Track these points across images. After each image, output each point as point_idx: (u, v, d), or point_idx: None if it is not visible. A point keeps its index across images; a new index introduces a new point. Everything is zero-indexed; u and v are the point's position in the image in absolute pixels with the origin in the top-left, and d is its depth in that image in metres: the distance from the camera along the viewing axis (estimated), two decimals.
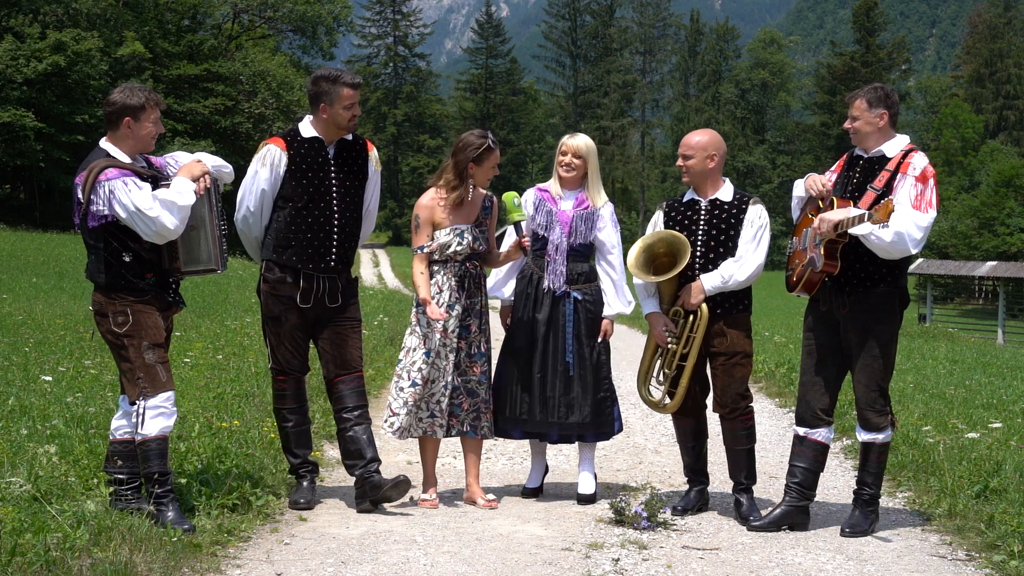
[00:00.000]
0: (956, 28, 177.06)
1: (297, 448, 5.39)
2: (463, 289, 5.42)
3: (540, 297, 5.53)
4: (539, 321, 5.51)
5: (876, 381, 4.99)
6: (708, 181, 5.37)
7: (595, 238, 5.56)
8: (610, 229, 5.56)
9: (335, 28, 59.23)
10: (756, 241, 5.29)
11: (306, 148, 5.24)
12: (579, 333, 5.50)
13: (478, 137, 5.40)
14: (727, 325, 5.30)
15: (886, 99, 4.99)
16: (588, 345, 5.51)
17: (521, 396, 5.51)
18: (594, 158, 5.59)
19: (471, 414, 5.47)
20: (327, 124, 5.25)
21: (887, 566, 4.55)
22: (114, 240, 4.54)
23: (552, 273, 5.52)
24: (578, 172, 5.56)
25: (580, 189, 5.60)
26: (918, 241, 4.79)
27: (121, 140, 4.63)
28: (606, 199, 5.61)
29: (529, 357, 5.51)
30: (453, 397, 5.43)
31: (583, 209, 5.55)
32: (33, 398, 6.87)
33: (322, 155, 5.26)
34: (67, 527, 4.00)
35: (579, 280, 5.54)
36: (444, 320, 5.32)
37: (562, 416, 5.46)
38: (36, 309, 13.52)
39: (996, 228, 48.85)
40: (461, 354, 5.43)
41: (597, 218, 5.55)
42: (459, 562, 4.46)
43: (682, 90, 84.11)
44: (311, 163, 5.23)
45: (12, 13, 40.44)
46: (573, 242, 5.51)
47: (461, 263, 5.43)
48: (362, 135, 5.52)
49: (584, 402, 5.47)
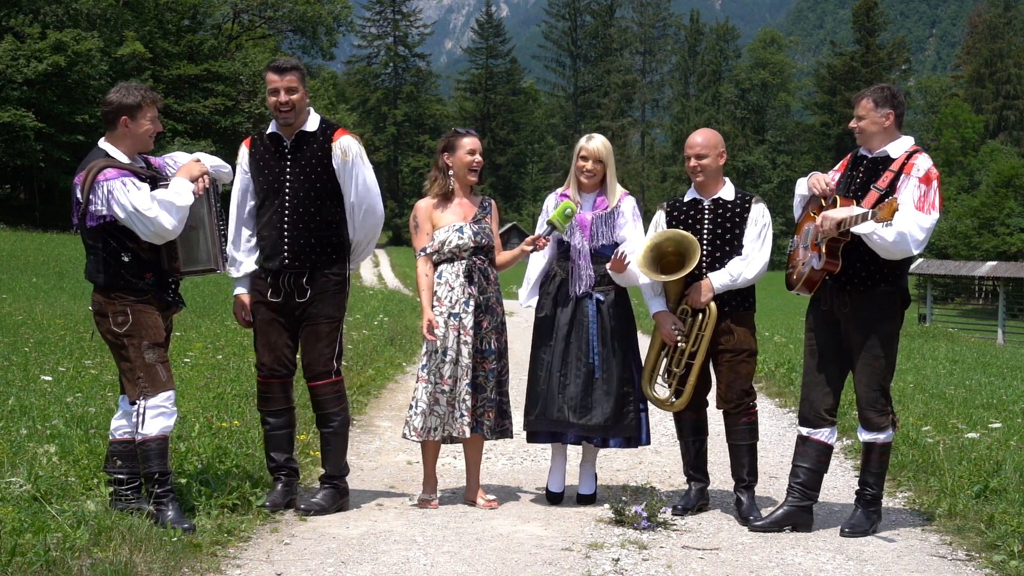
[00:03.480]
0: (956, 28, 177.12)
1: (273, 451, 5.31)
2: (473, 283, 5.42)
3: (564, 298, 5.53)
4: (561, 322, 5.50)
5: (877, 381, 4.99)
6: (714, 180, 5.40)
7: (618, 236, 5.53)
8: (631, 225, 5.52)
9: (335, 28, 59.30)
10: (761, 240, 5.32)
11: (265, 144, 5.24)
12: (603, 334, 5.49)
13: (450, 130, 5.57)
14: (733, 322, 5.32)
15: (892, 99, 4.99)
16: (612, 347, 5.48)
17: (544, 397, 5.50)
18: (611, 159, 5.58)
19: (479, 410, 5.46)
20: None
21: (887, 566, 4.55)
22: (113, 240, 4.54)
23: (576, 278, 5.51)
24: (598, 176, 5.56)
25: (599, 192, 5.59)
26: (920, 242, 4.78)
27: (119, 140, 4.63)
28: (622, 192, 5.57)
29: (552, 358, 5.50)
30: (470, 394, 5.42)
31: (601, 211, 5.54)
32: (33, 398, 6.87)
33: (279, 150, 5.21)
34: (67, 527, 3.99)
35: (603, 281, 5.52)
36: (436, 337, 5.32)
37: (585, 417, 5.43)
38: (36, 309, 13.52)
39: (996, 228, 48.88)
40: (474, 350, 5.42)
41: (618, 215, 5.53)
42: (459, 562, 4.46)
43: (682, 90, 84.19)
44: (268, 159, 5.21)
45: (12, 13, 40.48)
46: (595, 245, 5.50)
47: (468, 258, 5.43)
48: (361, 134, 5.50)
49: (606, 404, 5.43)
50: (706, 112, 78.79)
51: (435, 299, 5.42)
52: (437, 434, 5.38)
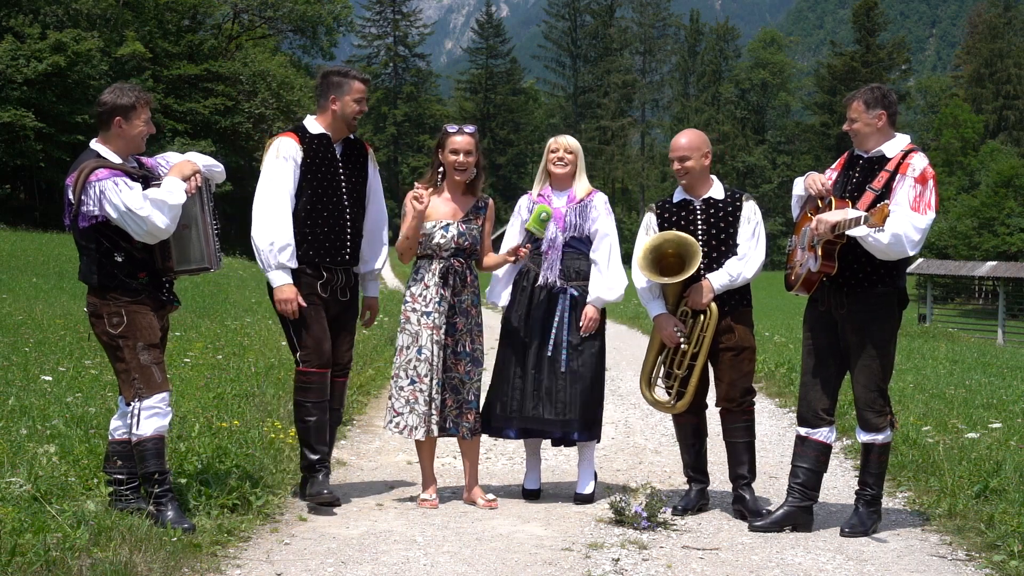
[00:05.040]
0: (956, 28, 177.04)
1: (317, 444, 5.34)
2: (447, 285, 5.44)
3: (536, 293, 5.55)
4: (535, 317, 5.52)
5: (875, 381, 4.99)
6: (702, 180, 5.41)
7: (590, 229, 5.56)
8: (604, 218, 5.58)
9: (335, 28, 59.26)
10: (755, 238, 5.35)
11: (316, 143, 5.32)
12: (575, 329, 5.50)
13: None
14: (734, 321, 5.34)
15: (883, 99, 4.98)
16: (583, 342, 5.51)
17: (513, 392, 5.51)
18: (581, 152, 5.69)
19: (453, 410, 5.47)
20: (334, 118, 5.33)
21: (887, 566, 4.55)
22: (106, 240, 4.53)
23: (548, 268, 5.53)
24: (571, 167, 5.61)
25: (570, 187, 5.63)
26: (916, 243, 4.78)
27: (112, 140, 4.62)
28: (590, 188, 5.64)
29: (524, 353, 5.52)
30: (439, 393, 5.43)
31: (575, 203, 5.58)
32: (33, 398, 6.87)
33: (331, 151, 5.35)
34: (67, 527, 3.99)
35: (576, 277, 5.55)
36: (423, 198, 5.33)
37: (559, 413, 5.45)
38: (36, 309, 13.52)
39: (996, 228, 48.85)
40: (448, 351, 5.44)
41: (590, 208, 5.57)
42: (459, 562, 4.46)
43: (682, 90, 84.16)
44: (322, 158, 5.32)
45: (12, 13, 40.43)
46: (568, 237, 5.53)
47: (446, 259, 5.45)
48: (361, 134, 5.58)
49: (581, 399, 5.46)
50: (706, 112, 78.75)
51: (409, 295, 5.49)
52: (419, 432, 5.39)
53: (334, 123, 5.34)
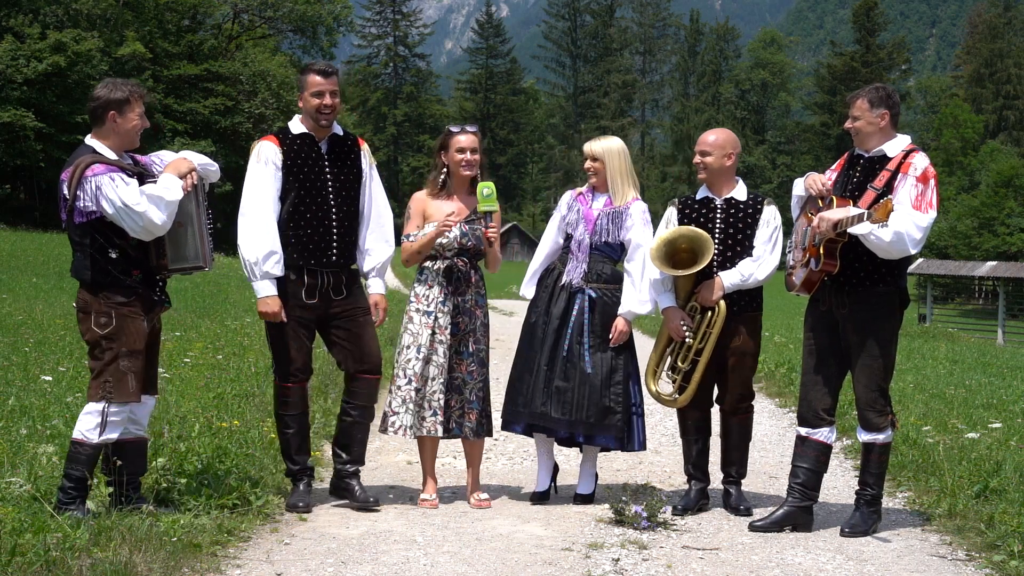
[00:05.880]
0: (956, 28, 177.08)
1: (297, 455, 5.34)
2: (451, 284, 5.44)
3: (557, 292, 5.54)
4: (553, 315, 5.51)
5: (876, 381, 4.99)
6: (724, 179, 5.42)
7: (624, 238, 5.53)
8: (639, 228, 5.50)
9: (335, 28, 59.20)
10: (772, 242, 5.36)
11: (298, 144, 5.24)
12: (595, 331, 5.48)
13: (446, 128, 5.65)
14: (741, 323, 5.36)
15: (887, 99, 4.99)
16: (604, 344, 5.48)
17: (526, 388, 5.51)
18: (613, 159, 5.53)
19: (456, 411, 5.47)
20: (308, 117, 5.24)
21: (887, 566, 4.55)
22: (100, 236, 4.49)
23: (571, 269, 5.52)
24: (600, 175, 5.56)
25: (608, 191, 5.59)
26: (917, 241, 4.78)
27: (106, 136, 4.59)
28: (633, 196, 5.55)
29: (540, 350, 5.51)
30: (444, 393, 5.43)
31: (609, 208, 5.55)
32: (33, 398, 6.87)
33: (315, 151, 5.25)
34: (67, 527, 4.00)
35: (599, 279, 5.52)
36: (449, 228, 5.36)
37: (566, 412, 5.43)
38: (36, 309, 13.51)
39: (996, 228, 48.85)
40: (452, 351, 5.44)
41: (625, 216, 5.52)
42: (459, 562, 4.46)
43: (682, 90, 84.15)
44: (305, 158, 5.22)
45: (12, 13, 40.43)
46: (597, 240, 5.50)
47: (450, 259, 5.45)
48: (361, 134, 5.53)
49: (590, 401, 5.42)
50: (706, 112, 78.75)
51: (413, 295, 5.48)
52: (412, 432, 5.39)
53: (314, 122, 5.24)
